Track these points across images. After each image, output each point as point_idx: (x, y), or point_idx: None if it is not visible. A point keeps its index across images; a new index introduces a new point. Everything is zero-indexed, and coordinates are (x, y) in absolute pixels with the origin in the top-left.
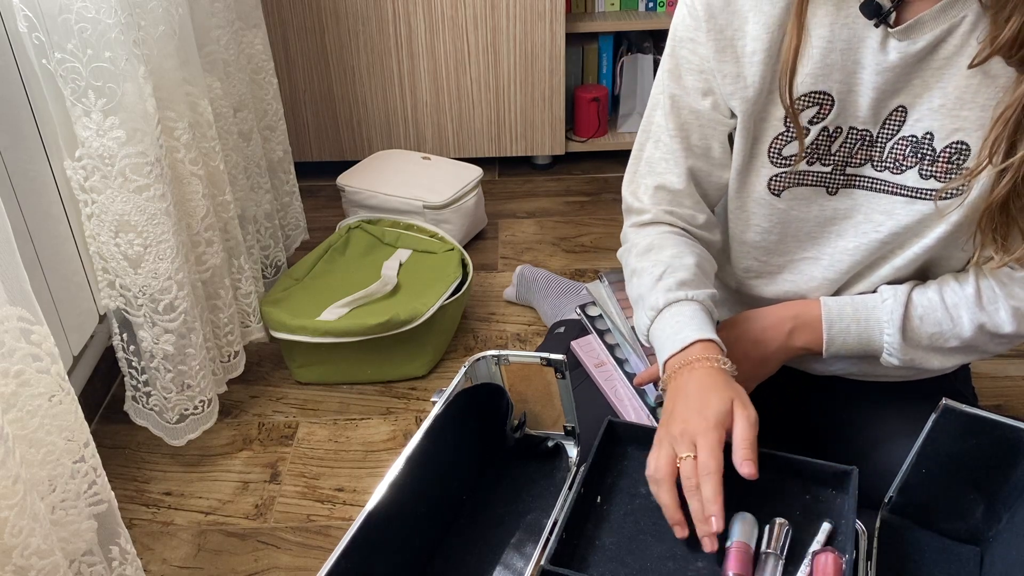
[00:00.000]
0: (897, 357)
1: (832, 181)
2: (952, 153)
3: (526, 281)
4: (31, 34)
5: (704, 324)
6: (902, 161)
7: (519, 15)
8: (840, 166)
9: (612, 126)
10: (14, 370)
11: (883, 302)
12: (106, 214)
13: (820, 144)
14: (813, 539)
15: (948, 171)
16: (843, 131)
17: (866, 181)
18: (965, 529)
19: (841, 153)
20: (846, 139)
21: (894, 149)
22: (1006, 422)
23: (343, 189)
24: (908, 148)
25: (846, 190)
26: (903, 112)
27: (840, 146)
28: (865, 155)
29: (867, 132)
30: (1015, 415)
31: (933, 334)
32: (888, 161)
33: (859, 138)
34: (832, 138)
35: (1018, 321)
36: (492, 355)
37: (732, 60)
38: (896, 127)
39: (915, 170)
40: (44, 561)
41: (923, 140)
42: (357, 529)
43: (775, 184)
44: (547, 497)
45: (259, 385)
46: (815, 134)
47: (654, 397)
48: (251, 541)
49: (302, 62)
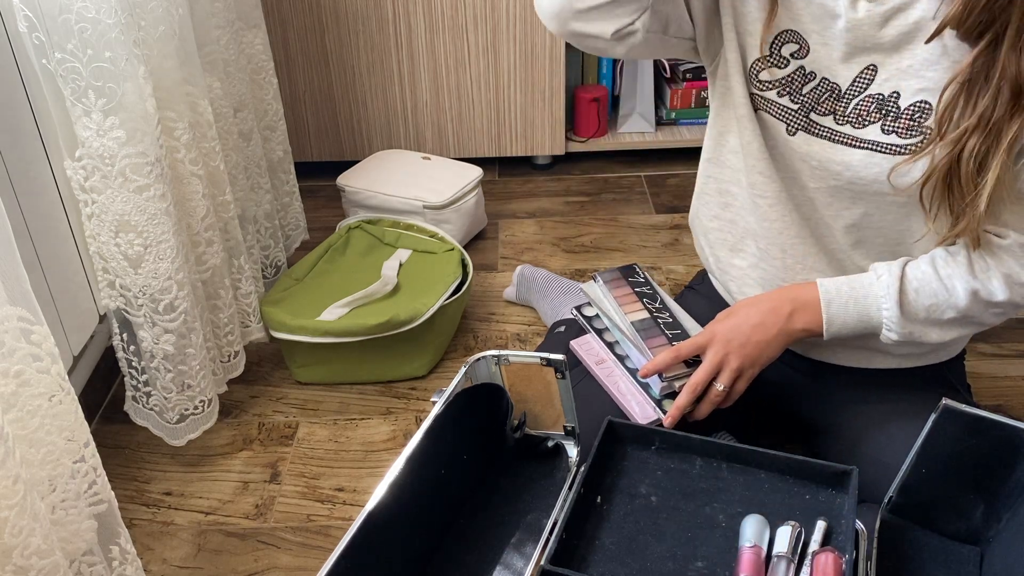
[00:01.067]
0: (896, 331)
1: (794, 121)
2: (915, 111)
3: (526, 281)
4: (31, 34)
5: None
6: (866, 116)
7: (519, 15)
8: (806, 108)
9: (612, 126)
10: (14, 370)
11: (878, 279)
12: (106, 214)
13: (794, 80)
14: (812, 539)
15: (910, 127)
16: (816, 77)
17: (825, 131)
18: (965, 529)
19: (810, 97)
20: (817, 86)
21: (859, 105)
22: (1006, 422)
23: (343, 189)
24: (873, 104)
25: (804, 135)
26: (873, 70)
27: (811, 90)
28: (829, 107)
29: (836, 86)
30: (1015, 415)
31: (930, 306)
32: (851, 116)
33: (828, 89)
34: (807, 80)
35: (1010, 288)
36: (492, 355)
37: None
38: (865, 84)
39: (877, 126)
40: (44, 561)
41: (889, 98)
42: (357, 529)
43: (754, 101)
44: (547, 497)
45: (259, 385)
46: (792, 68)
47: (659, 389)
48: (251, 541)
49: (302, 62)
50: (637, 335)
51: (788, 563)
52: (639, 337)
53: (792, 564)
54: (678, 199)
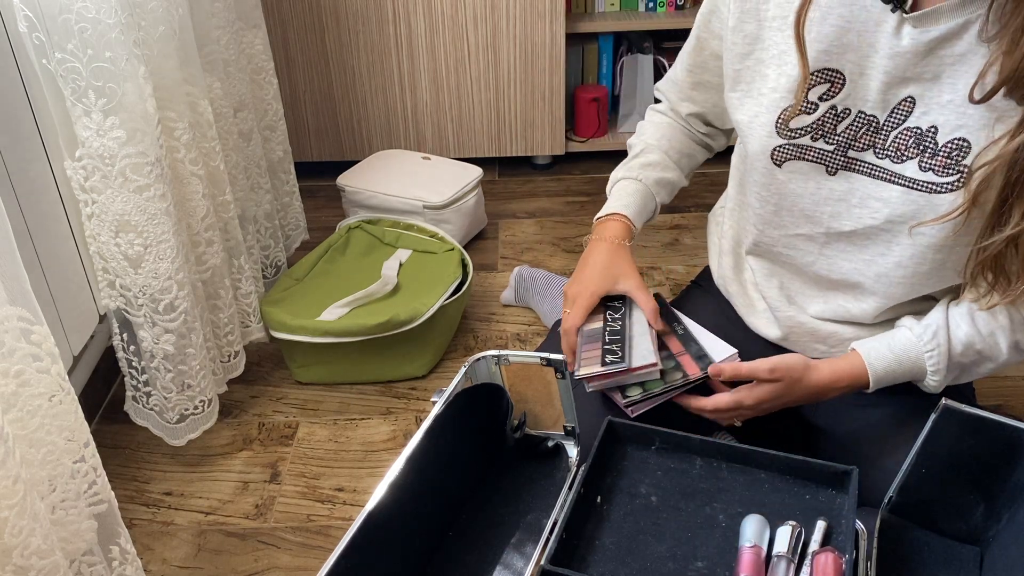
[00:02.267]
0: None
1: (833, 161)
2: (952, 149)
3: (524, 282)
4: (31, 34)
5: (629, 200)
6: (904, 151)
7: (519, 15)
8: (843, 147)
9: (612, 126)
10: (14, 370)
11: (928, 356)
12: (106, 214)
13: (827, 122)
14: (812, 539)
15: (947, 166)
16: (851, 113)
17: (866, 167)
18: (965, 529)
19: (846, 135)
20: (853, 121)
21: (898, 138)
22: (1006, 422)
23: (343, 189)
24: (911, 139)
25: (845, 172)
26: (911, 102)
27: (846, 128)
28: (868, 140)
29: (874, 118)
30: (1015, 415)
31: (974, 363)
32: (890, 150)
33: (865, 122)
34: (840, 118)
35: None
36: (492, 355)
37: (754, 21)
38: (903, 117)
39: (915, 161)
40: (44, 561)
41: (927, 133)
42: (357, 529)
43: (777, 155)
44: (547, 497)
45: (259, 385)
46: (823, 111)
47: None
48: (251, 541)
49: (302, 62)
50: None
51: (788, 563)
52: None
53: (792, 564)
54: (678, 199)
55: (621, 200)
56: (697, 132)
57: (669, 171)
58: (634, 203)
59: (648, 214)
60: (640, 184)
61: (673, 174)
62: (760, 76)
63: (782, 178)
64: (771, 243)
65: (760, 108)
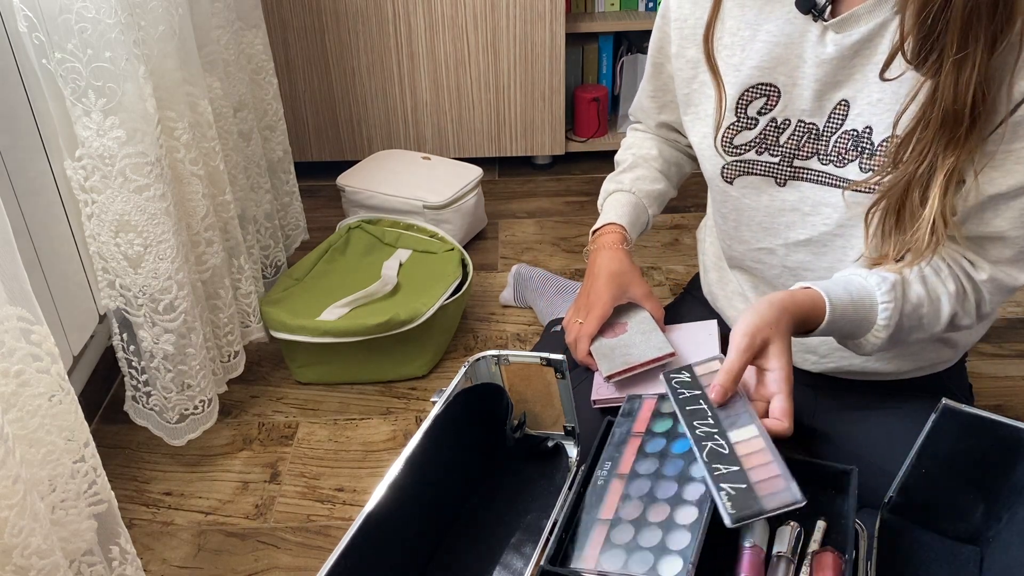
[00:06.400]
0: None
1: (781, 172)
2: (888, 147)
3: (522, 280)
4: (31, 34)
5: (623, 211)
6: (844, 155)
7: (519, 15)
8: (788, 157)
9: (612, 126)
10: (14, 370)
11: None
12: (106, 214)
13: (768, 134)
14: (811, 539)
15: (884, 165)
16: (791, 123)
17: (812, 174)
18: (965, 529)
19: (789, 145)
20: (794, 131)
21: (838, 143)
22: (1006, 422)
23: (343, 189)
24: (850, 141)
25: (794, 182)
26: (846, 106)
27: (788, 138)
28: (812, 148)
29: (813, 125)
30: (1015, 415)
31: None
32: (832, 154)
33: (806, 130)
34: (780, 129)
35: (979, 316)
36: (492, 355)
37: (693, 46)
38: (840, 121)
39: (856, 163)
40: (44, 561)
41: (863, 134)
42: (357, 529)
43: (727, 172)
44: (547, 497)
45: (259, 385)
46: (764, 124)
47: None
48: (251, 541)
49: (302, 62)
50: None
51: (788, 563)
52: None
53: (792, 564)
54: (678, 199)
55: (616, 211)
56: (679, 143)
57: (659, 182)
58: (628, 214)
59: (641, 226)
60: (632, 196)
61: (662, 185)
62: (705, 98)
63: (735, 194)
64: (740, 258)
65: (707, 129)
